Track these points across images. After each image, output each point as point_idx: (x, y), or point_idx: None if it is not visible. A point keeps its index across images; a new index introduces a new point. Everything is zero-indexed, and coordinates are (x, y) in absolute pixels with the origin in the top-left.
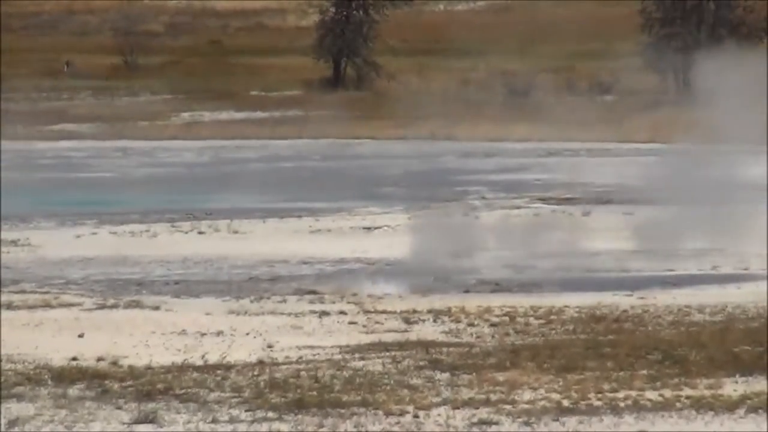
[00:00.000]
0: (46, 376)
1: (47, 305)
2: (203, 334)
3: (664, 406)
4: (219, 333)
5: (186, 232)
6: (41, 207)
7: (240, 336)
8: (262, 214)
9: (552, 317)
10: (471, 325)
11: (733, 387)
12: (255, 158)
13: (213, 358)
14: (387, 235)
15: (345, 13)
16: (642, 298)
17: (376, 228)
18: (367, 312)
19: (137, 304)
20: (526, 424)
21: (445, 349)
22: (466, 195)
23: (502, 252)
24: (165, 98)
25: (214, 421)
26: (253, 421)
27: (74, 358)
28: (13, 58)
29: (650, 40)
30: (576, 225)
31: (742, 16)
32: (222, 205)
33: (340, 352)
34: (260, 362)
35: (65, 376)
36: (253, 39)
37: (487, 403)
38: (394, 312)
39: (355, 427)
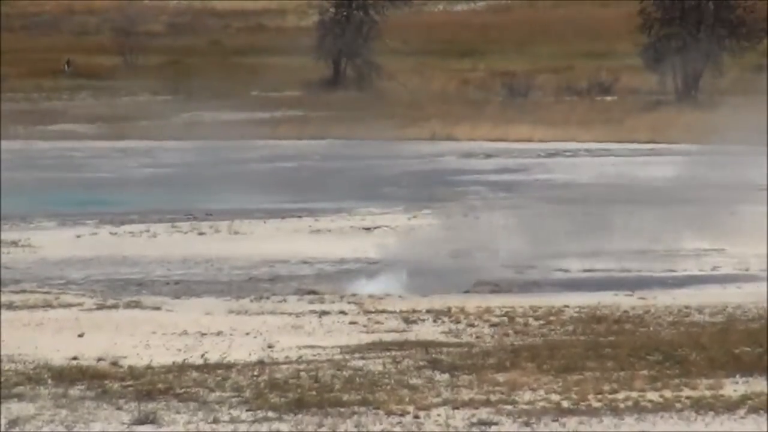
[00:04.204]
0: (47, 376)
1: (47, 305)
2: (203, 334)
3: (664, 407)
4: (219, 333)
5: (186, 233)
6: (41, 207)
7: (240, 336)
8: (262, 214)
9: (551, 318)
10: (471, 325)
11: (733, 387)
12: (255, 158)
13: (213, 358)
14: (387, 235)
15: (345, 13)
16: (642, 298)
17: (376, 228)
18: (367, 312)
19: (137, 305)
20: (526, 424)
21: (444, 350)
22: (466, 195)
23: (502, 252)
24: (165, 98)
25: (215, 421)
26: (253, 421)
27: (74, 358)
28: (13, 58)
29: (650, 40)
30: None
31: (742, 16)
32: (222, 205)
33: (340, 352)
34: (260, 362)
35: (65, 376)
36: (253, 39)
37: (487, 403)
38: (394, 312)
39: (355, 426)
